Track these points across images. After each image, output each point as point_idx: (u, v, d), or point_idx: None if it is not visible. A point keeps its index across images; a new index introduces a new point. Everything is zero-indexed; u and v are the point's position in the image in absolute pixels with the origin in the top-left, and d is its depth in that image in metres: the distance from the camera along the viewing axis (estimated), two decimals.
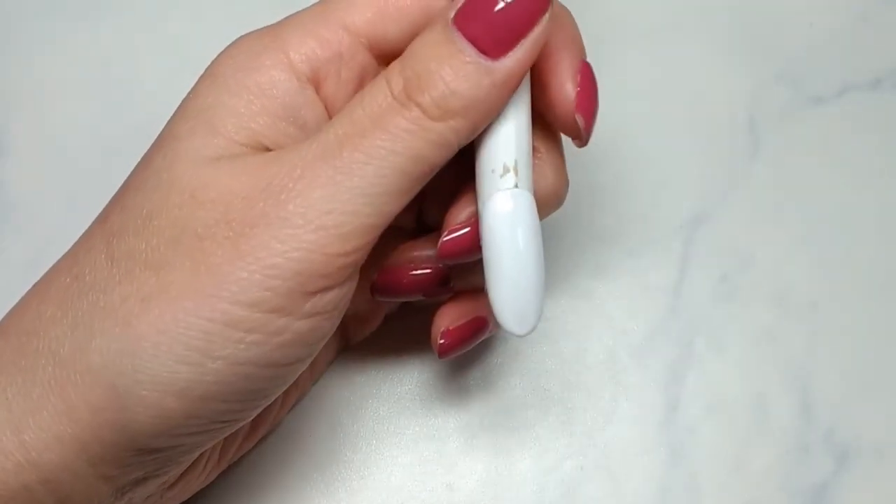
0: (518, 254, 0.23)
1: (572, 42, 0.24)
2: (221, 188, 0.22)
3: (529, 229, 0.23)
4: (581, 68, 0.24)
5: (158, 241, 0.22)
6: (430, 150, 0.22)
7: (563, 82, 0.24)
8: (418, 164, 0.22)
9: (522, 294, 0.23)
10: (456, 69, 0.22)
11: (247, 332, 0.22)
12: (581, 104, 0.24)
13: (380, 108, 0.22)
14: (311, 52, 0.24)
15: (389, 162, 0.22)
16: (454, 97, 0.22)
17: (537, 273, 0.24)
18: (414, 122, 0.22)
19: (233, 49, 0.24)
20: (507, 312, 0.24)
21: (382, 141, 0.22)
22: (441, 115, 0.22)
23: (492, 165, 0.23)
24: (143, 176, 0.23)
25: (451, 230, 0.25)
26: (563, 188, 0.26)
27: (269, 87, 0.23)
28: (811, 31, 0.35)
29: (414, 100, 0.22)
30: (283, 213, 0.22)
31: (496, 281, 0.23)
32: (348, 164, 0.22)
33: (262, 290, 0.21)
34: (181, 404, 0.22)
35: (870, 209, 0.33)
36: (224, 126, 0.23)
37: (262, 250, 0.21)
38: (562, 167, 0.26)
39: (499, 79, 0.22)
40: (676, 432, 0.30)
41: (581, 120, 0.24)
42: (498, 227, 0.23)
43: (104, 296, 0.22)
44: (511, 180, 0.23)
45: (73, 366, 0.22)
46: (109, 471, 0.22)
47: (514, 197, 0.23)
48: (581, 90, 0.24)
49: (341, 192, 0.22)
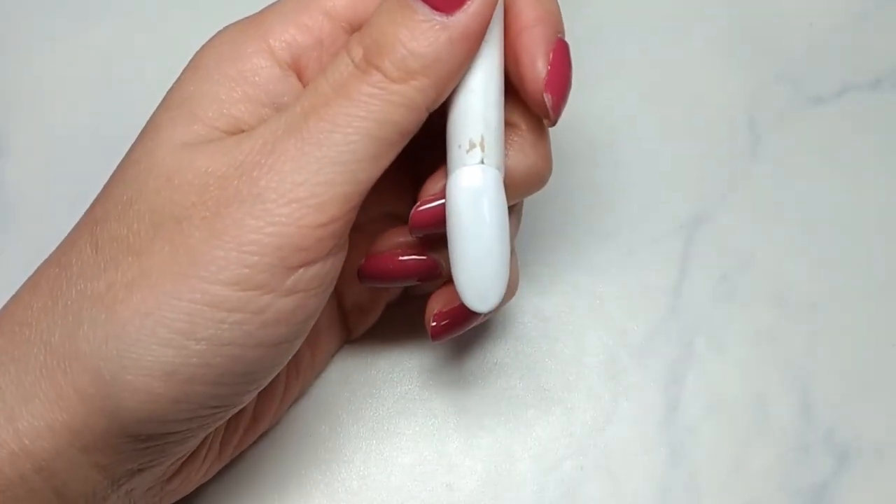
0: (480, 230, 0.23)
1: (549, 18, 0.24)
2: (197, 170, 0.22)
3: (493, 206, 0.23)
4: (556, 46, 0.24)
5: (139, 226, 0.22)
6: (397, 114, 0.22)
7: (535, 59, 0.24)
8: (387, 129, 0.22)
9: (483, 271, 0.23)
10: (412, 29, 0.22)
11: (229, 312, 0.22)
12: (551, 82, 0.23)
13: (342, 77, 0.22)
14: (292, 39, 0.24)
15: (356, 128, 0.22)
16: (413, 57, 0.22)
17: (500, 251, 0.23)
18: (376, 86, 0.22)
19: (215, 40, 0.25)
20: (468, 289, 0.24)
21: (346, 107, 0.22)
22: (403, 76, 0.22)
23: (458, 140, 0.23)
24: (125, 166, 0.24)
25: (424, 201, 0.24)
26: (544, 167, 0.25)
27: (251, 74, 0.24)
28: (811, 31, 0.35)
29: (374, 65, 0.22)
30: (256, 189, 0.22)
31: (457, 257, 0.23)
32: (315, 134, 0.22)
33: (241, 268, 0.21)
34: (167, 388, 0.22)
35: (870, 209, 0.33)
36: (205, 113, 0.23)
37: (236, 228, 0.22)
38: (543, 145, 0.25)
39: (456, 34, 0.22)
40: (676, 432, 0.30)
41: (549, 98, 0.24)
42: (459, 203, 0.23)
43: (90, 284, 0.22)
44: (477, 156, 0.23)
45: (62, 353, 0.22)
46: (102, 459, 0.22)
47: (478, 172, 0.23)
48: (552, 68, 0.24)
49: (311, 163, 0.22)
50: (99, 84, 0.34)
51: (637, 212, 0.33)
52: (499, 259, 0.23)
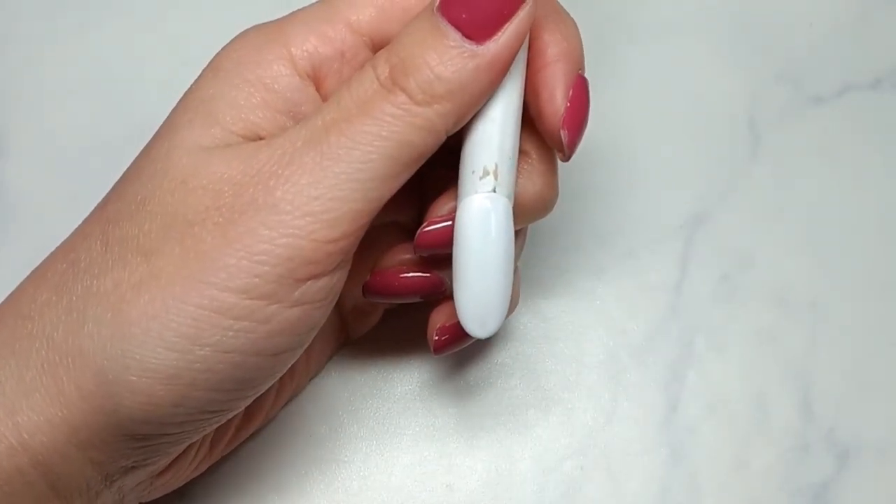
0: (484, 257, 0.23)
1: (571, 54, 0.24)
2: (213, 175, 0.22)
3: (501, 235, 0.23)
4: (576, 83, 0.24)
5: (150, 226, 0.22)
6: (417, 136, 0.22)
7: (554, 94, 0.24)
8: (405, 150, 0.22)
9: (484, 297, 0.23)
10: (441, 53, 0.22)
11: (235, 320, 0.22)
12: (568, 119, 0.24)
13: (366, 93, 0.22)
14: (314, 49, 0.24)
15: (376, 147, 0.22)
16: (439, 82, 0.22)
17: (502, 278, 0.23)
18: (400, 106, 0.22)
19: (236, 43, 0.24)
20: (467, 313, 0.24)
21: (368, 126, 0.22)
22: (426, 99, 0.22)
23: (472, 167, 0.23)
24: (140, 165, 0.24)
25: (431, 222, 0.25)
26: (550, 196, 0.25)
27: (270, 80, 0.24)
28: (811, 31, 0.35)
29: (399, 85, 0.22)
30: (272, 199, 0.22)
31: (461, 282, 0.24)
32: (335, 150, 0.22)
33: (251, 277, 0.22)
34: (169, 391, 0.22)
35: (870, 209, 0.33)
36: (223, 117, 0.23)
37: (250, 237, 0.22)
38: (552, 175, 0.25)
39: (483, 63, 0.22)
40: (676, 432, 0.30)
41: (565, 135, 0.24)
42: (467, 229, 0.23)
43: (97, 281, 0.22)
44: (489, 184, 0.23)
45: (65, 349, 0.22)
46: (98, 455, 0.23)
47: (489, 200, 0.23)
48: (571, 105, 0.24)
49: (329, 178, 0.22)
50: (99, 84, 0.34)
51: (637, 212, 0.33)
52: (501, 288, 0.24)
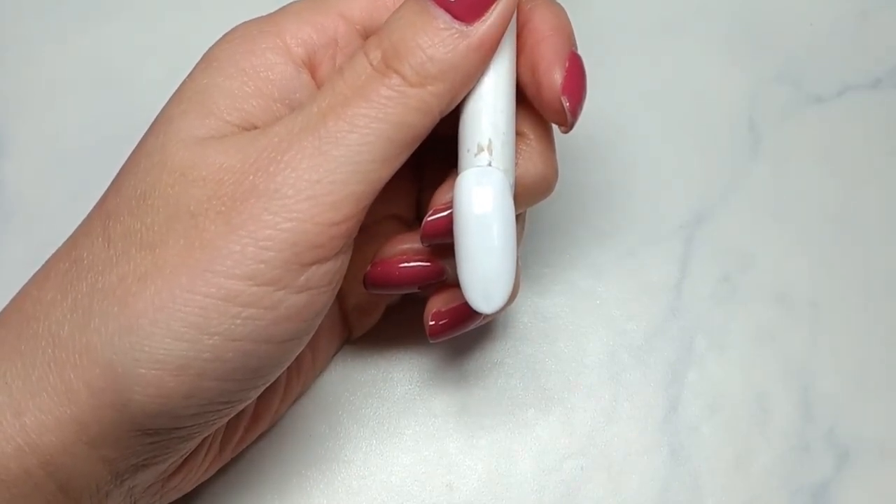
0: (483, 230, 0.23)
1: (563, 30, 0.25)
2: (211, 165, 0.22)
3: (499, 205, 0.23)
4: (570, 56, 0.24)
5: (153, 219, 0.22)
6: (413, 117, 0.23)
7: (552, 66, 0.24)
8: (402, 131, 0.23)
9: (488, 270, 0.23)
10: (432, 35, 0.23)
11: (243, 307, 0.22)
12: (567, 86, 0.24)
13: (360, 78, 0.23)
14: (308, 38, 0.24)
15: (373, 129, 0.22)
16: (432, 63, 0.22)
17: (503, 252, 0.23)
18: (394, 89, 0.22)
19: (230, 35, 0.25)
20: (472, 288, 0.24)
21: (365, 109, 0.22)
22: (420, 80, 0.22)
23: (468, 145, 0.24)
24: (136, 159, 0.24)
25: (436, 210, 0.25)
26: (551, 175, 0.26)
27: (264, 69, 0.24)
28: (811, 31, 0.35)
29: (393, 68, 0.23)
30: (273, 184, 0.22)
31: (463, 257, 0.24)
32: (333, 134, 0.22)
33: (257, 263, 0.22)
34: (179, 382, 0.22)
35: (870, 209, 0.33)
36: (217, 107, 0.23)
37: (253, 223, 0.22)
38: (550, 154, 0.26)
39: (474, 42, 0.23)
40: (677, 432, 0.30)
41: (566, 101, 0.24)
42: (465, 202, 0.23)
43: (102, 277, 0.22)
44: (485, 159, 0.23)
45: (72, 347, 0.22)
46: (109, 453, 0.22)
47: (484, 173, 0.23)
48: (569, 75, 0.24)
49: (328, 161, 0.22)
50: (99, 84, 0.34)
51: (637, 212, 0.33)
52: (504, 258, 0.24)
